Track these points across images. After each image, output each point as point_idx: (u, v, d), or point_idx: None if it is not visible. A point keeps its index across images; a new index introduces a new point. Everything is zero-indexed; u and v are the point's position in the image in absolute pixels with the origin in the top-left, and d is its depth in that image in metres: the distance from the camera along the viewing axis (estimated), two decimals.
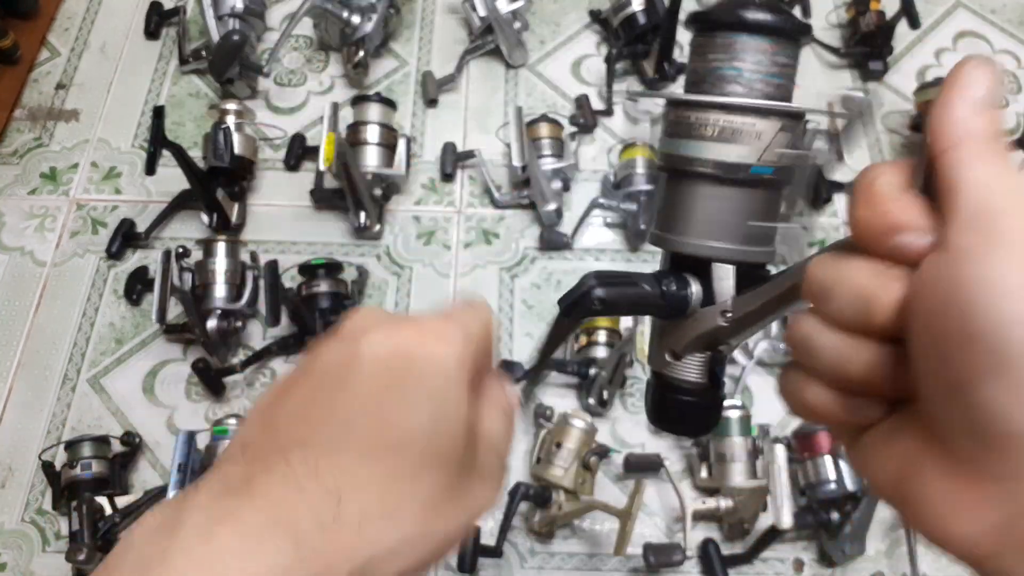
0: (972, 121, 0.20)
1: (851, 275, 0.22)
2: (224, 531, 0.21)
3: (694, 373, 0.30)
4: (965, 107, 0.20)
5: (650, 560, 0.69)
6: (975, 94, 0.20)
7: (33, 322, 0.86)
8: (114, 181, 0.96)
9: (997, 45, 1.11)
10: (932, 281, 0.20)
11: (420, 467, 0.24)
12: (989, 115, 0.20)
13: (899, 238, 0.21)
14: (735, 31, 0.27)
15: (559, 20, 1.11)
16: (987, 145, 0.20)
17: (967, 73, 0.21)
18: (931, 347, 0.20)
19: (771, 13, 0.27)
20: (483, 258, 0.91)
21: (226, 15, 0.98)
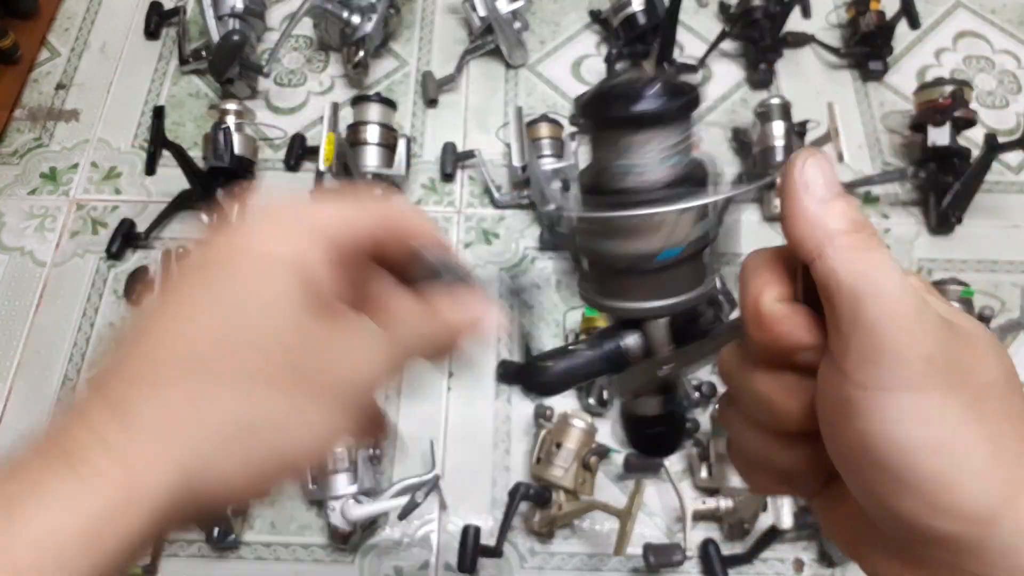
0: (826, 220, 0.20)
1: (754, 384, 0.22)
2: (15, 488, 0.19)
3: (652, 408, 0.32)
4: (814, 205, 0.20)
5: (650, 560, 0.69)
6: (816, 189, 0.20)
7: (33, 322, 0.86)
8: (114, 181, 0.96)
9: (997, 45, 1.11)
10: (831, 400, 0.20)
11: (221, 378, 0.22)
12: (840, 206, 0.20)
13: (796, 357, 0.21)
14: (617, 128, 0.26)
15: (559, 20, 1.11)
16: (851, 241, 0.19)
17: (799, 169, 0.20)
18: (843, 461, 0.20)
19: (651, 101, 0.25)
20: (483, 258, 0.91)
21: (226, 15, 0.98)
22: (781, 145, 0.92)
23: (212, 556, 0.75)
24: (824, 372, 0.20)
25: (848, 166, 0.99)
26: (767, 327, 0.21)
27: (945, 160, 0.92)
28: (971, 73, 1.08)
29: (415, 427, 0.81)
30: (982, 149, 0.89)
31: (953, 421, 0.18)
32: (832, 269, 0.19)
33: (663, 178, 0.26)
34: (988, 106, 1.05)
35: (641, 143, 0.26)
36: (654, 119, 0.25)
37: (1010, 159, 0.99)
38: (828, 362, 0.20)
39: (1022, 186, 0.98)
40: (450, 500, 0.77)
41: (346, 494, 0.71)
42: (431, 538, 0.76)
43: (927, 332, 0.19)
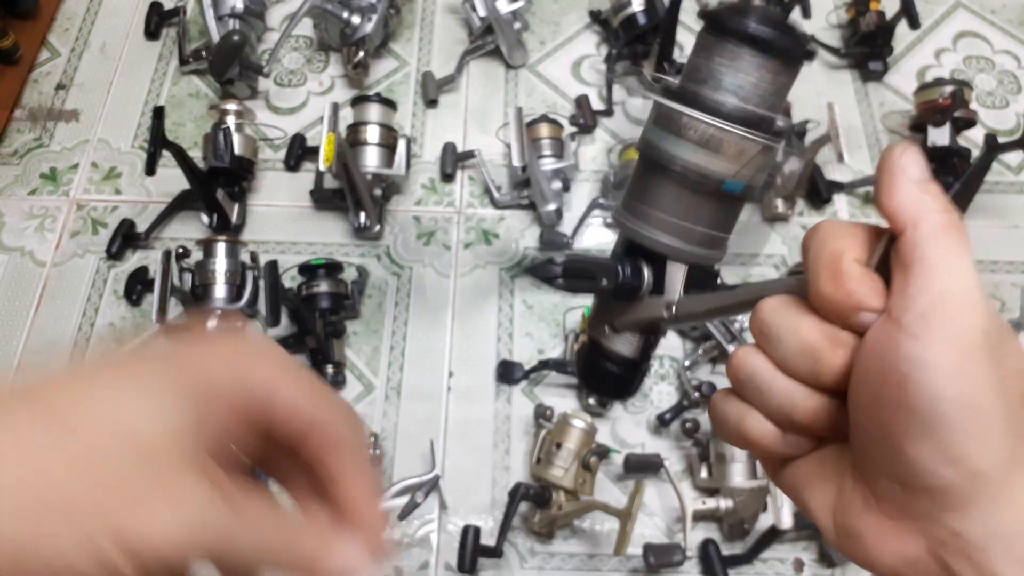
0: (922, 199, 0.22)
1: (802, 330, 0.24)
2: None
3: (627, 348, 0.32)
4: (910, 186, 0.22)
5: (650, 560, 0.69)
6: (913, 173, 0.22)
7: (33, 322, 0.86)
8: (114, 181, 0.96)
9: (997, 45, 1.11)
10: (875, 351, 0.22)
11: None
12: (934, 188, 0.22)
13: (861, 316, 0.23)
14: (747, 44, 0.27)
15: (559, 20, 1.11)
16: (944, 223, 0.22)
17: (900, 155, 0.23)
18: (870, 407, 0.22)
19: (785, 34, 0.27)
20: (483, 258, 0.91)
21: (226, 15, 0.98)
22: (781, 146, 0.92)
23: None
24: (878, 328, 0.22)
25: (848, 166, 0.99)
26: (843, 285, 0.23)
27: (945, 160, 0.92)
28: (971, 73, 1.08)
29: (415, 427, 0.81)
30: (982, 149, 0.89)
31: (985, 385, 0.21)
32: (922, 239, 0.21)
33: (761, 110, 0.27)
34: (988, 106, 1.05)
35: (761, 67, 0.27)
36: (784, 51, 0.27)
37: (1010, 159, 0.99)
38: (884, 320, 0.22)
39: (1022, 186, 0.99)
40: (450, 500, 0.77)
41: None
42: (431, 538, 0.76)
43: (986, 311, 0.21)
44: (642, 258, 0.30)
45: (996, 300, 0.88)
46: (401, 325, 0.87)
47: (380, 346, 0.86)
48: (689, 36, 1.09)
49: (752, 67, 0.27)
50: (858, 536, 0.24)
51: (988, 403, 0.21)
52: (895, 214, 0.22)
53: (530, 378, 0.83)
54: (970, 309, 0.21)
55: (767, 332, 0.25)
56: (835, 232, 0.24)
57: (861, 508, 0.23)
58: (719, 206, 0.29)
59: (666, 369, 0.85)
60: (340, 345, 0.85)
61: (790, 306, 0.24)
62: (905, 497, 0.22)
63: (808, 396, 0.24)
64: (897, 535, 0.23)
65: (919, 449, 0.21)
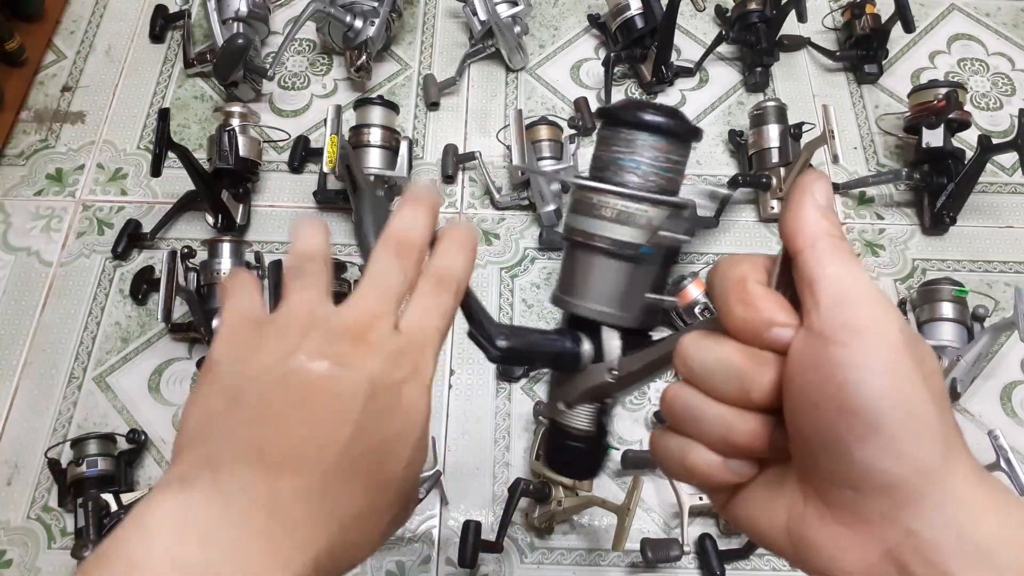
0: (821, 223, 0.24)
1: (724, 356, 0.25)
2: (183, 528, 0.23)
3: (583, 422, 0.33)
4: (814, 211, 0.24)
5: (648, 555, 0.70)
6: (819, 200, 0.24)
7: (39, 321, 0.87)
8: (120, 182, 0.97)
9: (991, 48, 1.12)
10: (805, 364, 0.23)
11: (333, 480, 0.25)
12: (832, 217, 0.24)
13: (774, 332, 0.24)
14: (637, 129, 0.30)
15: (558, 24, 1.12)
16: (837, 243, 0.23)
17: (810, 182, 0.25)
18: (810, 417, 0.23)
19: (669, 117, 0.30)
20: (484, 258, 0.92)
21: (230, 19, 1.00)
22: (777, 147, 0.93)
23: None
24: (801, 343, 0.23)
25: (843, 167, 1.00)
26: (752, 304, 0.24)
27: (939, 161, 0.93)
28: (965, 75, 1.09)
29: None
30: (976, 151, 0.90)
31: (916, 382, 0.22)
32: (822, 255, 0.23)
33: (660, 184, 0.30)
34: (982, 108, 1.06)
35: (653, 147, 0.30)
36: (670, 131, 0.30)
37: (1004, 160, 1.01)
38: (805, 335, 0.23)
39: (1015, 187, 1.00)
40: (451, 496, 0.78)
41: None
42: (432, 533, 0.77)
43: (898, 315, 0.23)
44: (581, 330, 0.32)
45: (990, 299, 0.90)
46: None
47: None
48: (686, 40, 1.11)
49: (645, 148, 0.30)
50: (817, 550, 0.24)
51: (921, 399, 0.22)
52: (795, 233, 0.24)
53: (530, 376, 0.84)
54: (885, 313, 0.22)
55: (692, 365, 0.26)
56: (735, 262, 0.25)
57: (816, 521, 0.24)
58: (639, 271, 0.31)
59: None
60: None
61: (708, 337, 0.26)
62: (858, 501, 0.23)
63: (742, 417, 0.25)
64: (855, 543, 0.23)
65: (867, 449, 0.22)
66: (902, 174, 0.94)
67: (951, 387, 0.79)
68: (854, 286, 0.23)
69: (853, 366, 0.22)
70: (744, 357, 0.24)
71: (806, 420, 0.23)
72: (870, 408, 0.21)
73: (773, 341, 0.24)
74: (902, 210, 0.98)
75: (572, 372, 0.32)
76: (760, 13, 1.03)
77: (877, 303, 0.22)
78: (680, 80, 1.06)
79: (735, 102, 1.05)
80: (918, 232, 0.96)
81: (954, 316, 0.82)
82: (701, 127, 0.32)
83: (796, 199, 0.24)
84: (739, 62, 1.08)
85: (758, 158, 0.95)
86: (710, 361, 0.25)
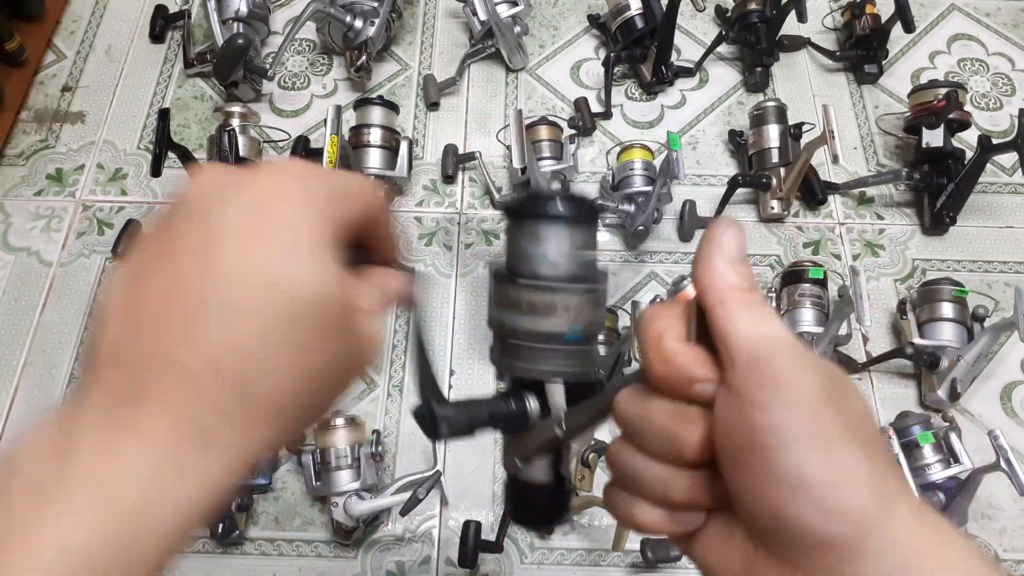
0: (729, 276, 0.23)
1: (653, 415, 0.25)
2: (127, 448, 0.20)
3: (541, 474, 0.34)
4: (722, 264, 0.24)
5: (648, 555, 0.70)
6: (728, 252, 0.24)
7: (39, 321, 0.87)
8: (120, 182, 0.97)
9: (991, 48, 1.12)
10: (729, 425, 0.23)
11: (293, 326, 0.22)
12: (742, 269, 0.24)
13: (696, 388, 0.24)
14: (537, 220, 0.31)
15: (558, 24, 1.12)
16: (747, 296, 0.23)
17: (721, 233, 0.24)
18: (740, 480, 0.23)
19: (565, 204, 0.31)
20: (484, 258, 0.92)
21: (230, 19, 1.00)
22: (777, 147, 0.93)
23: (216, 552, 0.76)
24: (723, 402, 0.23)
25: (843, 167, 1.00)
26: (669, 361, 0.24)
27: (939, 161, 0.93)
28: (965, 75, 1.09)
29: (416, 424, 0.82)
30: (976, 151, 0.90)
31: (840, 437, 0.22)
32: (732, 312, 0.23)
33: (570, 268, 0.31)
34: (982, 108, 1.06)
35: (556, 236, 0.31)
36: (568, 218, 0.31)
37: (1004, 160, 1.01)
38: (726, 393, 0.23)
39: (1015, 187, 1.00)
40: (451, 496, 0.78)
41: (349, 490, 0.72)
42: (432, 533, 0.77)
43: (815, 366, 0.23)
44: (525, 390, 0.32)
45: (990, 299, 0.90)
46: (403, 324, 0.88)
47: (382, 345, 0.87)
48: (686, 40, 1.11)
49: (548, 238, 0.31)
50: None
51: (846, 452, 0.22)
52: (705, 288, 0.24)
53: None
54: (802, 368, 0.22)
55: (626, 424, 0.26)
56: (654, 315, 0.25)
57: (768, 571, 0.24)
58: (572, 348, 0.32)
59: None
60: None
61: (638, 395, 0.25)
62: (800, 556, 0.23)
63: (678, 475, 0.25)
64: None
65: (798, 510, 0.22)
66: (902, 174, 0.94)
67: (951, 387, 0.79)
68: (766, 341, 0.22)
69: (773, 432, 0.22)
70: (672, 417, 0.24)
71: (736, 481, 0.23)
72: (794, 473, 0.21)
73: (696, 396, 0.24)
74: (902, 210, 0.98)
75: (522, 431, 0.33)
76: (760, 13, 1.03)
77: (790, 356, 0.22)
78: (680, 80, 1.06)
79: (735, 102, 1.05)
80: (918, 232, 0.96)
81: (954, 316, 0.82)
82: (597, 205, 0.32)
83: (704, 251, 0.24)
84: (739, 62, 1.08)
85: (758, 158, 0.95)
86: (641, 421, 0.25)
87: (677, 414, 0.24)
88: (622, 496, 0.27)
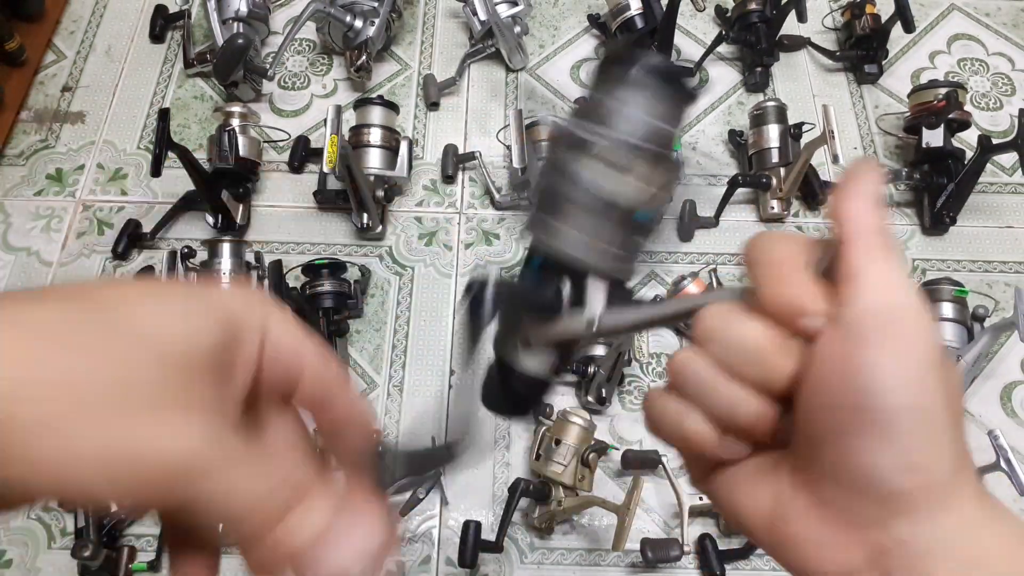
0: (871, 216, 0.23)
1: (751, 335, 0.24)
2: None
3: (537, 366, 0.31)
4: (866, 202, 0.23)
5: (648, 555, 0.70)
6: (873, 191, 0.23)
7: None
8: (120, 182, 0.97)
9: (991, 48, 1.12)
10: (832, 357, 0.22)
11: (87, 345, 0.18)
12: (881, 212, 0.23)
13: (807, 319, 0.23)
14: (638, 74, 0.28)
15: (558, 24, 1.12)
16: (884, 241, 0.23)
17: (865, 172, 0.24)
18: (825, 413, 0.22)
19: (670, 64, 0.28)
20: (483, 258, 0.93)
21: (230, 19, 1.00)
22: (776, 147, 0.93)
23: None
24: (832, 337, 0.22)
25: (843, 167, 1.00)
26: (794, 286, 0.23)
27: (939, 161, 0.93)
28: (965, 75, 1.09)
29: (417, 424, 0.82)
30: (976, 151, 0.90)
31: (939, 398, 0.22)
32: (868, 252, 0.22)
33: (649, 132, 0.27)
34: (982, 108, 1.06)
35: (646, 92, 0.27)
36: (667, 75, 0.28)
37: (1003, 160, 1.01)
38: (836, 329, 0.22)
39: (1015, 187, 1.00)
40: (451, 496, 0.78)
41: None
42: (432, 533, 0.77)
43: (933, 329, 0.22)
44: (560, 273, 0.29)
45: (990, 299, 0.90)
46: (403, 324, 0.88)
47: (382, 344, 0.87)
48: (686, 39, 1.11)
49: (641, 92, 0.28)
50: (797, 543, 0.24)
51: (941, 415, 0.22)
52: (844, 221, 0.23)
53: None
54: (923, 324, 0.22)
55: (714, 337, 0.25)
56: (779, 239, 0.24)
57: (802, 515, 0.23)
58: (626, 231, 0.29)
59: (664, 367, 0.86)
60: (343, 343, 0.86)
61: (736, 313, 0.24)
62: (855, 503, 0.22)
63: (751, 400, 0.24)
64: (839, 544, 0.23)
65: (878, 457, 0.22)
66: (902, 174, 0.94)
67: None
68: (898, 290, 0.22)
69: (881, 371, 0.21)
70: (771, 343, 0.23)
71: (820, 414, 0.23)
72: (889, 418, 0.21)
73: (803, 330, 0.23)
74: (902, 210, 0.98)
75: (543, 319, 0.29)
76: (760, 13, 1.03)
77: (918, 312, 0.22)
78: None
79: (735, 102, 1.05)
80: (918, 232, 0.96)
81: (954, 316, 0.82)
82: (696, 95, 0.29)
83: (849, 186, 0.23)
84: (739, 62, 1.08)
85: (758, 158, 0.95)
86: (734, 339, 0.24)
87: (777, 342, 0.23)
88: (675, 403, 0.26)
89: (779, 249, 0.24)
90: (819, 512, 0.23)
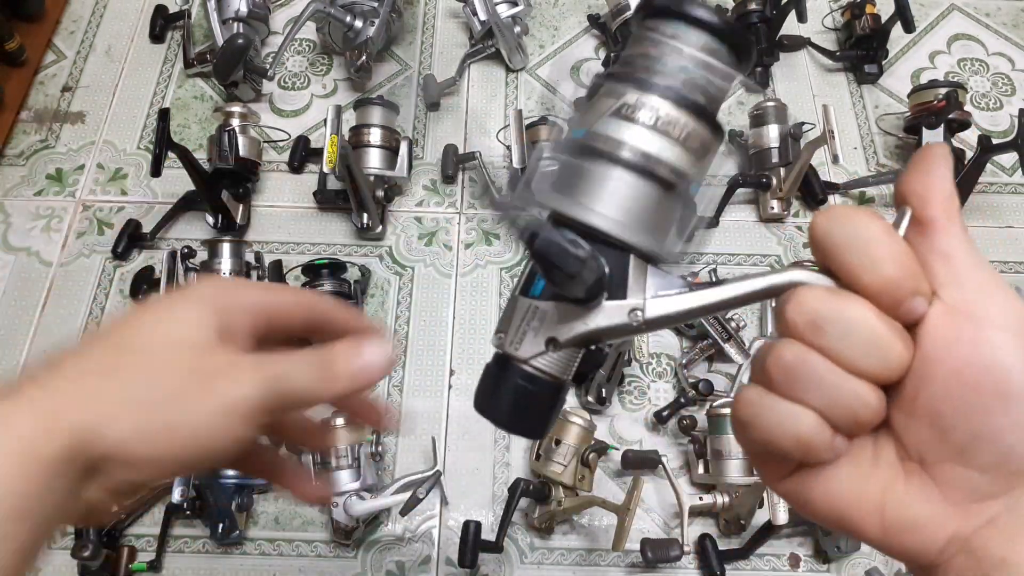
0: (954, 197, 0.23)
1: (869, 325, 0.22)
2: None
3: (559, 368, 0.26)
4: (949, 182, 0.23)
5: (648, 555, 0.70)
6: (948, 173, 0.23)
7: (39, 322, 0.87)
8: (120, 182, 0.97)
9: (991, 48, 1.12)
10: (949, 340, 0.22)
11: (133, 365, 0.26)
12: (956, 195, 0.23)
13: (915, 301, 0.22)
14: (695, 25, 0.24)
15: (558, 24, 1.12)
16: (962, 223, 0.23)
17: (941, 154, 0.24)
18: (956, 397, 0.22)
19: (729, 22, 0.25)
20: (484, 258, 0.93)
21: (230, 19, 1.00)
22: (776, 147, 0.93)
23: (216, 552, 0.76)
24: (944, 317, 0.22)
25: (843, 167, 1.00)
26: (906, 265, 0.22)
27: None
28: (965, 75, 1.09)
29: (417, 424, 0.82)
30: (976, 151, 0.90)
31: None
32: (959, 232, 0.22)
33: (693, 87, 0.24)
34: (982, 108, 1.06)
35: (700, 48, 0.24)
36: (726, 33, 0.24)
37: (1004, 160, 1.01)
38: (950, 311, 0.22)
39: (1015, 187, 1.00)
40: (451, 496, 0.78)
41: (349, 490, 0.72)
42: (432, 533, 0.77)
43: None
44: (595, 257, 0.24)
45: None
46: (403, 324, 0.88)
47: None
48: None
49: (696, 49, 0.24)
50: (917, 528, 0.23)
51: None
52: (927, 201, 0.22)
53: None
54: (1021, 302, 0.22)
55: (824, 326, 0.22)
56: (862, 217, 0.22)
57: (917, 500, 0.23)
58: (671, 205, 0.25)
59: (663, 367, 0.86)
60: None
61: (844, 294, 0.22)
62: (984, 483, 0.22)
63: (872, 395, 0.22)
64: (955, 515, 0.22)
65: (1020, 434, 0.21)
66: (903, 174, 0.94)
67: None
68: (990, 270, 0.22)
69: (1003, 350, 0.21)
70: (887, 327, 0.22)
71: (947, 399, 0.22)
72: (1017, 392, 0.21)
73: (910, 310, 0.22)
74: None
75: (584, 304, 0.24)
76: (760, 13, 1.03)
77: (1012, 290, 0.22)
78: None
79: (735, 102, 1.05)
80: None
81: None
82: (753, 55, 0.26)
83: (928, 164, 0.23)
84: None
85: (758, 158, 0.95)
86: (843, 325, 0.22)
87: (894, 327, 0.22)
88: (786, 407, 0.23)
89: (870, 227, 0.22)
90: (938, 492, 0.23)
